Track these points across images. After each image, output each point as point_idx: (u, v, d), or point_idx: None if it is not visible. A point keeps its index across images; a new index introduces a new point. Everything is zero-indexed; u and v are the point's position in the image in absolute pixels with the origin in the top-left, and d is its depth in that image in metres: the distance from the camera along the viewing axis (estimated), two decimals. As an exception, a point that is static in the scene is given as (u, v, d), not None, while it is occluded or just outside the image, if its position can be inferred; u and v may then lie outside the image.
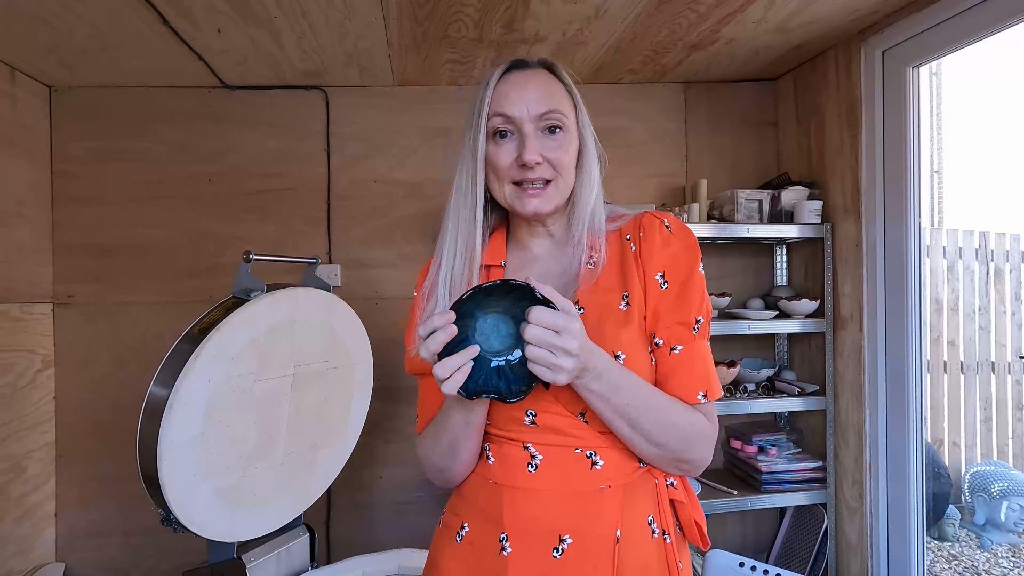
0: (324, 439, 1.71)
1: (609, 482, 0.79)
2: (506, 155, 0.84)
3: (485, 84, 0.86)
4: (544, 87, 0.84)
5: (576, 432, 0.79)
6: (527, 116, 0.82)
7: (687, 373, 0.81)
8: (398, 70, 2.06)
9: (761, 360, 2.25)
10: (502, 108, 0.83)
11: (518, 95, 0.83)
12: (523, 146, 0.82)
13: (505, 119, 0.83)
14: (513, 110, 0.82)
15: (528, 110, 0.82)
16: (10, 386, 1.89)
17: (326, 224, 2.18)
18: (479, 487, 0.84)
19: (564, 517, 0.77)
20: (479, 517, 0.82)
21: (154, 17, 1.62)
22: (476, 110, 0.85)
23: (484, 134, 0.84)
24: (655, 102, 2.28)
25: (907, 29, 1.69)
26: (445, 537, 0.87)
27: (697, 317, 0.83)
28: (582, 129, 0.88)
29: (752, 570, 1.72)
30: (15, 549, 1.91)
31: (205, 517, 1.38)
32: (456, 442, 0.82)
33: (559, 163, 0.84)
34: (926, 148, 1.55)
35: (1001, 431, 3.46)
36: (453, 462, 0.84)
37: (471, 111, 0.86)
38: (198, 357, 1.33)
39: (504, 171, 0.84)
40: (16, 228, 1.93)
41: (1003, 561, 2.84)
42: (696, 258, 0.85)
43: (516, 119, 0.83)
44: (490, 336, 0.76)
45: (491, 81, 0.85)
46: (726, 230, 1.98)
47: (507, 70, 0.86)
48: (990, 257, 3.50)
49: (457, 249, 0.85)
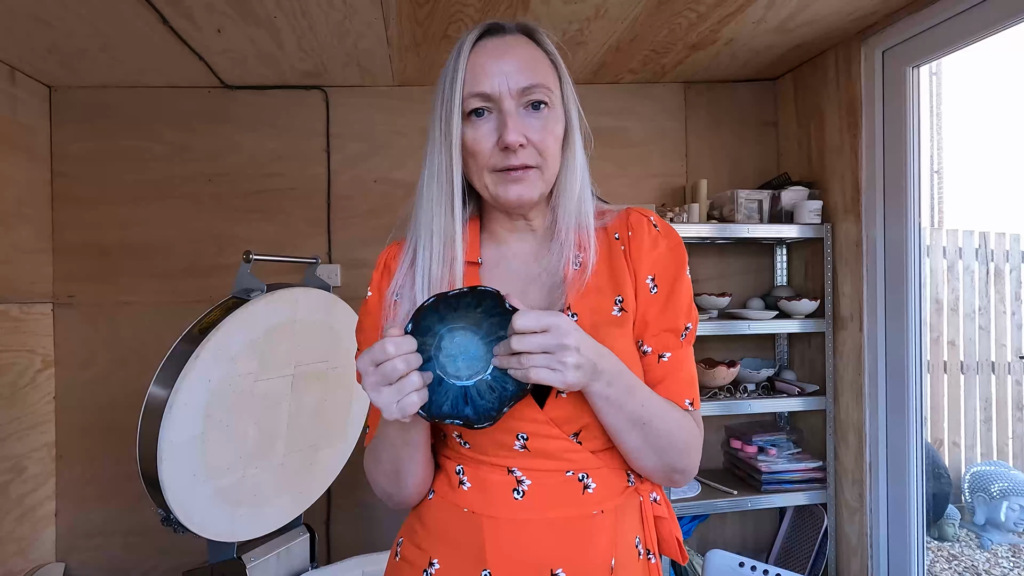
0: (324, 439, 1.71)
1: (601, 506, 0.72)
2: (485, 138, 0.72)
3: (456, 53, 0.73)
4: (526, 57, 0.73)
5: (568, 455, 0.72)
6: (507, 91, 0.71)
7: (674, 381, 0.75)
8: (398, 70, 2.06)
9: (761, 360, 2.25)
10: (478, 85, 0.71)
11: (496, 67, 0.71)
12: (503, 126, 0.71)
13: (482, 97, 0.72)
14: (491, 86, 0.71)
15: (508, 84, 0.71)
16: (10, 386, 1.89)
17: (326, 224, 2.18)
18: (449, 516, 0.74)
19: (556, 548, 0.69)
20: (451, 551, 0.72)
21: (154, 17, 1.62)
22: (447, 85, 0.73)
23: (459, 114, 0.72)
24: (655, 102, 2.28)
25: (907, 29, 1.69)
26: (407, 574, 0.76)
27: (686, 324, 0.77)
28: (567, 105, 0.77)
29: (752, 570, 1.72)
30: (15, 549, 1.91)
31: (205, 517, 1.38)
32: (398, 463, 0.73)
33: (544, 145, 0.73)
34: (926, 148, 1.56)
35: (1001, 431, 3.46)
36: (398, 488, 0.75)
37: (441, 85, 0.74)
38: (198, 357, 1.33)
39: (484, 157, 0.73)
40: (16, 228, 1.93)
41: (1003, 561, 2.84)
42: (683, 260, 0.78)
43: (495, 96, 0.71)
44: (457, 358, 0.66)
45: (463, 50, 0.73)
46: (726, 230, 1.98)
47: (480, 36, 0.74)
48: (990, 257, 3.50)
49: (433, 247, 0.74)
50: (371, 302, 0.81)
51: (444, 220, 0.74)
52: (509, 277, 0.79)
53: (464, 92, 0.72)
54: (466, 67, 0.72)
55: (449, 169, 0.74)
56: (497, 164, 0.73)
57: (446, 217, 0.74)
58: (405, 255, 0.78)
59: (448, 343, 0.66)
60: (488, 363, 0.67)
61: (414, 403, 0.61)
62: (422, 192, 0.76)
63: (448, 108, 0.72)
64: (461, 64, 0.72)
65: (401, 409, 0.61)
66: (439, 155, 0.74)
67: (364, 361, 0.62)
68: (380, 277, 0.81)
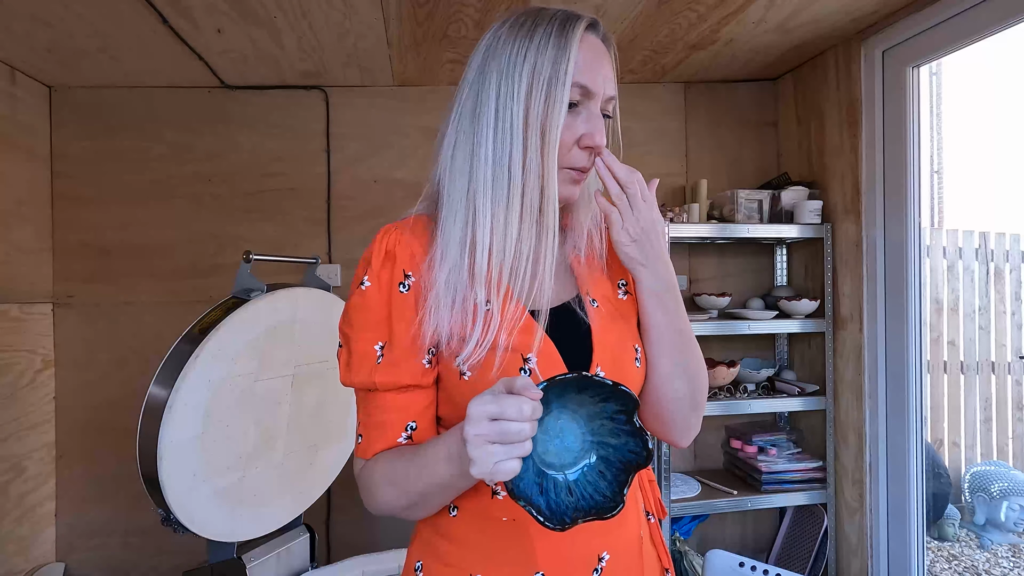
0: (324, 439, 1.71)
1: None
2: (573, 132, 0.68)
3: (563, 37, 0.67)
4: (613, 65, 0.72)
5: None
6: (602, 93, 0.69)
7: None
8: (398, 70, 2.06)
9: (761, 360, 2.25)
10: (583, 78, 0.67)
11: (599, 64, 0.69)
12: (595, 128, 0.68)
13: (583, 91, 0.68)
14: (595, 82, 0.68)
15: (604, 88, 0.69)
16: (10, 386, 1.89)
17: (326, 224, 2.18)
18: (484, 528, 0.69)
19: (599, 535, 0.70)
20: (495, 562, 0.69)
21: (154, 17, 1.62)
22: (549, 66, 0.66)
23: (566, 100, 0.66)
24: (655, 102, 2.28)
25: (907, 29, 1.69)
26: None
27: None
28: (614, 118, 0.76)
29: (752, 570, 1.72)
30: (15, 549, 1.91)
31: (205, 517, 1.38)
32: (429, 498, 0.66)
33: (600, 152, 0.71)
34: (926, 148, 1.55)
35: (1001, 431, 3.46)
36: (412, 513, 0.69)
37: (527, 62, 0.66)
38: (198, 357, 1.33)
39: (564, 151, 0.68)
40: (16, 228, 1.93)
41: (1003, 561, 2.84)
42: None
43: (596, 93, 0.68)
44: (551, 439, 0.60)
45: (572, 35, 0.67)
46: (726, 230, 1.98)
47: (586, 29, 0.70)
48: (990, 257, 3.50)
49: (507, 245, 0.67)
50: (370, 295, 0.70)
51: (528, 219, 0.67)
52: None
53: (571, 77, 0.66)
54: (578, 56, 0.67)
55: (540, 158, 0.66)
56: (576, 162, 0.69)
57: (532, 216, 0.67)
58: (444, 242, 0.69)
59: (552, 423, 0.60)
60: (576, 464, 0.60)
61: (512, 470, 0.53)
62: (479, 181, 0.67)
63: (549, 89, 0.65)
64: (572, 49, 0.66)
65: (496, 471, 0.53)
66: (518, 140, 0.66)
67: (481, 410, 0.53)
68: (381, 267, 0.70)
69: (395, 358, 0.68)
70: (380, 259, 0.70)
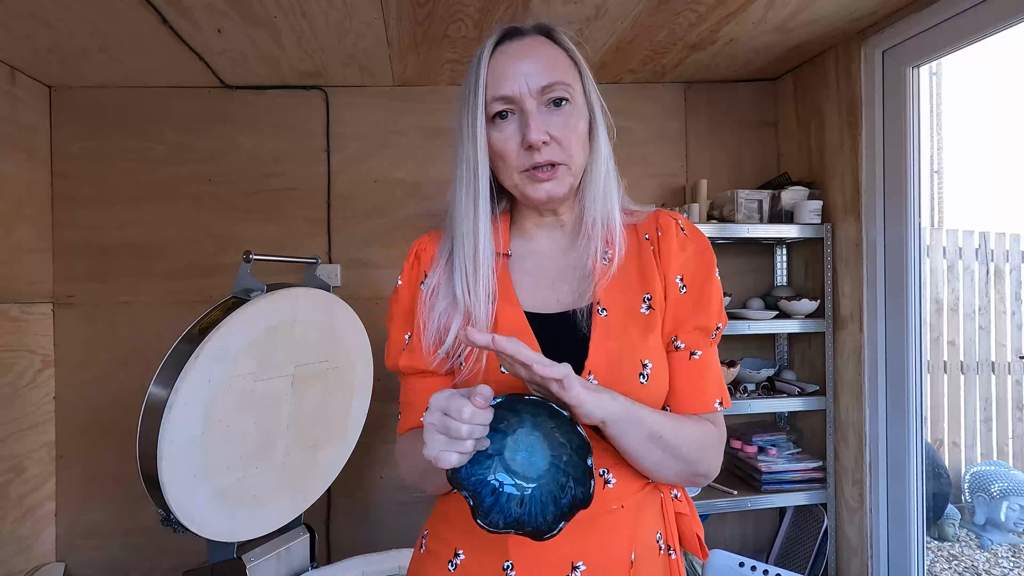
0: (324, 439, 1.71)
1: (621, 501, 0.74)
2: (510, 140, 0.75)
3: (477, 60, 0.76)
4: (544, 56, 0.75)
5: None
6: (527, 92, 0.73)
7: (704, 380, 0.77)
8: (398, 70, 2.06)
9: (761, 360, 2.25)
10: (499, 89, 0.74)
11: (515, 69, 0.74)
12: (526, 126, 0.73)
13: (504, 100, 0.74)
14: (511, 88, 0.73)
15: (528, 85, 0.73)
16: (10, 386, 1.89)
17: (326, 224, 2.18)
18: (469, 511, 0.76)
19: (576, 541, 0.71)
20: (476, 544, 0.75)
21: (154, 17, 1.62)
22: (471, 91, 0.75)
23: (483, 119, 0.75)
24: (655, 102, 2.28)
25: (907, 29, 1.69)
26: (432, 565, 0.78)
27: (717, 324, 0.79)
28: (590, 99, 0.79)
29: (752, 570, 1.72)
30: (15, 549, 1.91)
31: (205, 517, 1.38)
32: (428, 474, 0.75)
33: (566, 141, 0.75)
34: (926, 148, 1.55)
35: (1001, 431, 3.46)
36: (421, 486, 0.79)
37: (465, 90, 0.77)
38: (198, 357, 1.33)
39: (512, 158, 0.75)
40: (16, 228, 1.93)
41: (1003, 561, 2.84)
42: (712, 264, 0.80)
43: (516, 97, 0.73)
44: (519, 450, 0.66)
45: (483, 57, 0.75)
46: (726, 230, 1.98)
47: (499, 41, 0.77)
48: (990, 257, 3.50)
49: (465, 246, 0.77)
50: (401, 291, 0.84)
51: (473, 221, 0.77)
52: (538, 271, 0.81)
53: (487, 96, 0.75)
54: (487, 72, 0.75)
55: (476, 172, 0.76)
56: (524, 164, 0.75)
57: (475, 219, 0.77)
58: (442, 249, 0.82)
59: (524, 436, 0.66)
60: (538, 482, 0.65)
61: (449, 462, 0.60)
62: (455, 193, 0.79)
63: (473, 113, 0.75)
64: (482, 70, 0.75)
65: (439, 458, 0.60)
66: (467, 159, 0.76)
67: (436, 401, 0.61)
68: (410, 268, 0.84)
69: (414, 345, 0.80)
70: (410, 261, 0.85)
